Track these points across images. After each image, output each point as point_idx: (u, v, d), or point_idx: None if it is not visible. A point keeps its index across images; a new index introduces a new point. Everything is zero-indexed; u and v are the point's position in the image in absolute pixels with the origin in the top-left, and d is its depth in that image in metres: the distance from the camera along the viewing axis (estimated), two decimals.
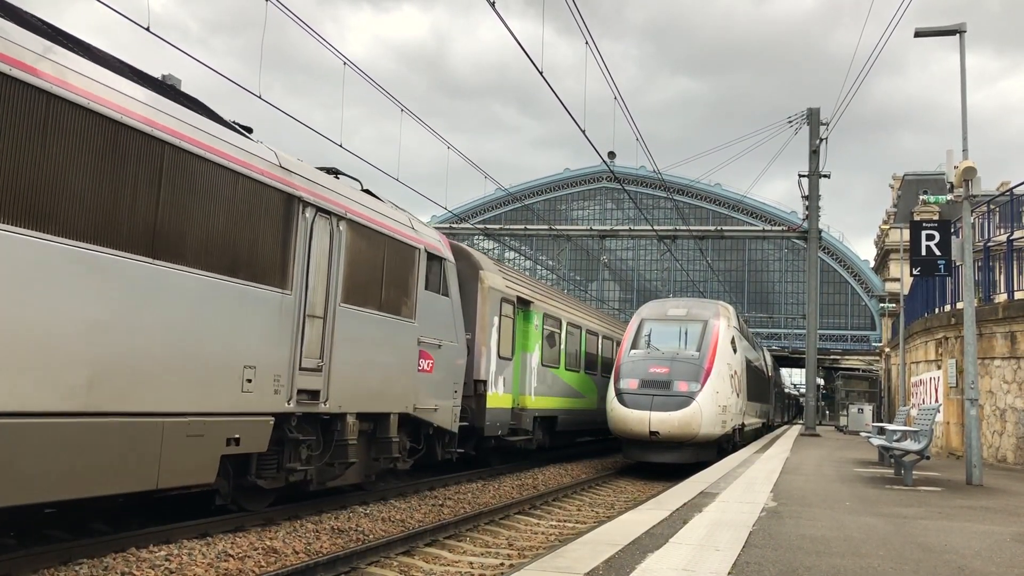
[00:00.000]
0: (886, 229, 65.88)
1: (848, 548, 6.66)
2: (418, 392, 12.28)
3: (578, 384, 22.13)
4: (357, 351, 10.68)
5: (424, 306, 12.44)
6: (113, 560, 7.40)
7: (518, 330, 17.63)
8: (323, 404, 10.03)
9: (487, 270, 16.31)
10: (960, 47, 13.56)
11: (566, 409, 20.86)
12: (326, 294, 10.01)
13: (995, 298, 18.85)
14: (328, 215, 10.11)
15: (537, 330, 18.67)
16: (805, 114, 31.26)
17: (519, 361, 17.58)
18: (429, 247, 12.79)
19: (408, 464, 12.68)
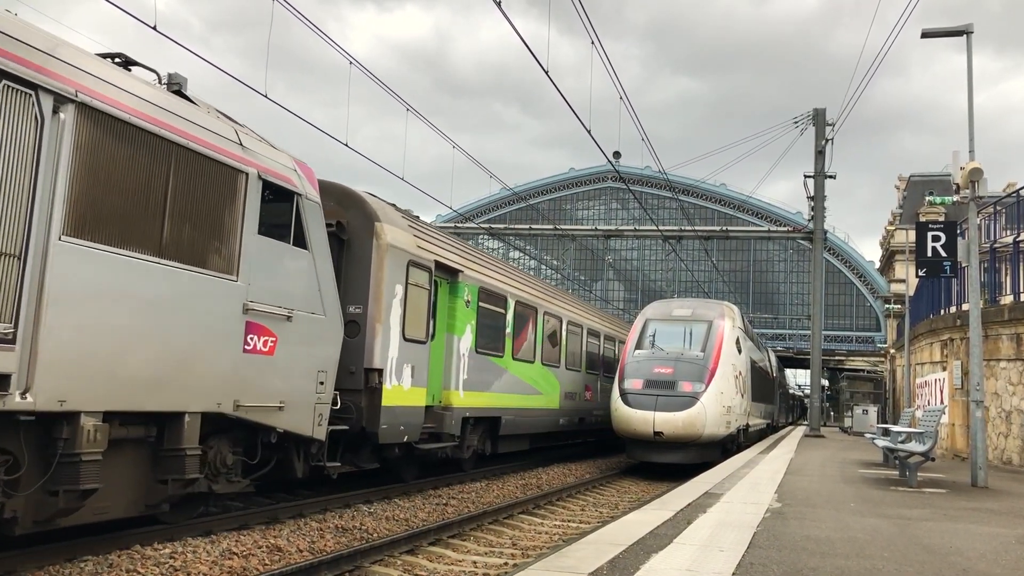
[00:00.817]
0: (891, 230, 65.75)
1: (852, 549, 6.65)
2: (245, 382, 8.61)
3: (534, 378, 18.39)
4: (106, 315, 7.14)
5: (258, 259, 8.84)
6: (117, 557, 7.42)
7: (441, 306, 14.18)
8: (19, 397, 6.39)
9: (387, 222, 12.22)
10: (967, 48, 13.53)
11: (515, 409, 17.20)
12: (27, 219, 6.48)
13: (1001, 300, 18.81)
14: (28, 88, 6.51)
15: (469, 308, 14.99)
16: (811, 115, 31.22)
17: (441, 347, 14.14)
18: (267, 173, 9.08)
19: (239, 486, 9.19)
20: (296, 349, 9.54)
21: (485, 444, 16.27)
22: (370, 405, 11.53)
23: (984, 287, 17.83)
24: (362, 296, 11.78)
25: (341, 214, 11.87)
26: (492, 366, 16.06)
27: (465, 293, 14.80)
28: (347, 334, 11.06)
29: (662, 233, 37.73)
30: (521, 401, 17.56)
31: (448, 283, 14.46)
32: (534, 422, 18.46)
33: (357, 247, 11.94)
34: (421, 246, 13.21)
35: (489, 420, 16.10)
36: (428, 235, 14.02)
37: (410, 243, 12.79)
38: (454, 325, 14.44)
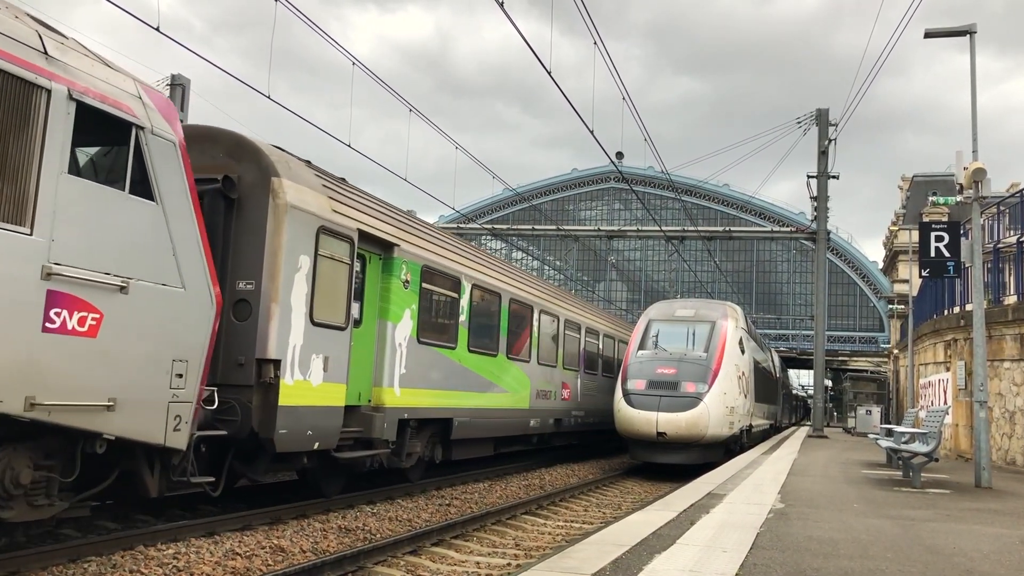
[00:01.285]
0: (895, 230, 65.69)
1: (856, 550, 6.65)
2: (46, 372, 6.48)
3: (497, 374, 16.24)
4: None
5: (70, 208, 6.68)
6: (121, 558, 7.43)
7: (371, 287, 11.94)
8: None
9: (289, 179, 10.01)
10: (970, 48, 13.51)
11: (472, 409, 14.92)
12: None
13: (1004, 300, 18.78)
14: None
15: (409, 290, 12.61)
16: (814, 115, 31.20)
17: (370, 335, 11.89)
18: (85, 94, 6.87)
19: (50, 510, 6.97)
20: (135, 331, 7.21)
21: (434, 450, 14.13)
22: (263, 405, 9.45)
23: (987, 287, 17.80)
24: (255, 269, 9.60)
25: (231, 168, 9.75)
26: (440, 359, 13.76)
27: (403, 271, 12.42)
28: (236, 316, 9.47)
29: (665, 233, 37.72)
30: (480, 400, 15.28)
31: (380, 259, 12.16)
32: (498, 424, 16.28)
33: (250, 208, 9.73)
34: (339, 211, 10.90)
35: (438, 422, 13.86)
36: (352, 199, 11.57)
37: (322, 206, 10.52)
38: (388, 310, 12.08)
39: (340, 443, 10.90)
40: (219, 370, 9.17)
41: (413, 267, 12.79)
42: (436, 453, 14.22)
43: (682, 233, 39.93)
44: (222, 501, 10.77)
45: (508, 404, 16.76)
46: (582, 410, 21.60)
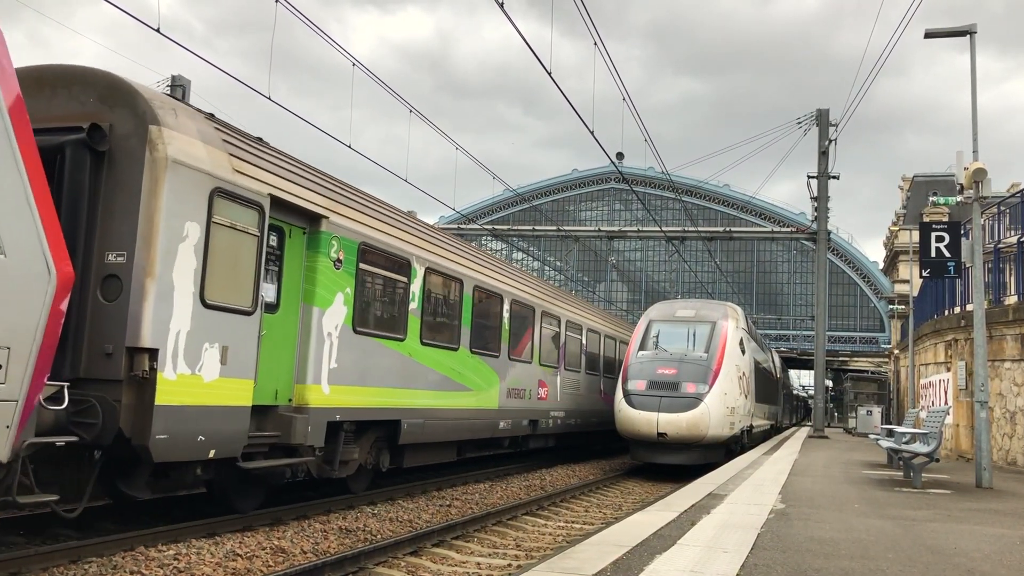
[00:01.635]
0: (895, 230, 65.69)
1: (857, 550, 6.64)
2: None
3: (458, 371, 14.47)
4: None
5: None
6: (122, 559, 7.43)
7: (291, 265, 10.07)
8: None
9: (172, 128, 8.31)
10: (971, 48, 13.51)
11: (426, 409, 13.13)
12: None
13: (1005, 300, 18.78)
14: None
15: (342, 270, 10.84)
16: (814, 115, 31.20)
17: (291, 322, 10.07)
18: None
19: None
20: None
21: (379, 456, 12.36)
22: (136, 404, 7.82)
23: (988, 287, 17.81)
24: (127, 238, 7.91)
25: (102, 115, 8.15)
26: (384, 353, 11.96)
27: (333, 249, 10.63)
28: (105, 296, 7.87)
29: (665, 234, 37.73)
30: (436, 399, 13.52)
31: (304, 232, 10.34)
32: (459, 426, 14.52)
33: (123, 163, 8.04)
34: (244, 171, 9.12)
35: (382, 425, 12.11)
36: (264, 159, 9.67)
37: (219, 163, 8.76)
38: (314, 293, 10.27)
39: (250, 450, 9.17)
40: (82, 361, 7.74)
41: (348, 244, 11.01)
42: (382, 460, 12.45)
43: (682, 233, 39.94)
44: (222, 502, 10.78)
45: (472, 404, 14.94)
46: (562, 411, 20.13)
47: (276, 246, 9.73)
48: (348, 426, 11.05)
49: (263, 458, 9.48)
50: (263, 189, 9.33)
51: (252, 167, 9.30)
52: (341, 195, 11.30)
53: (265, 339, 9.38)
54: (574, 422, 21.09)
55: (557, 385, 19.84)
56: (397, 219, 12.95)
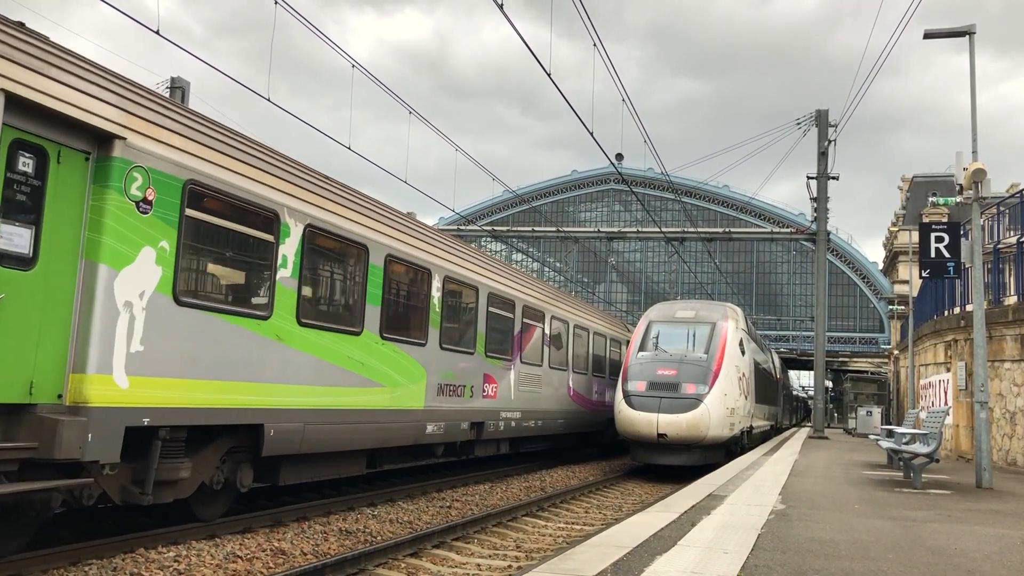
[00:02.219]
0: (895, 231, 65.72)
1: (857, 551, 6.64)
2: None
3: (361, 361, 11.38)
4: None
5: None
6: (122, 561, 7.43)
7: (59, 203, 7.18)
8: None
9: None
10: (970, 49, 13.52)
11: (305, 411, 10.13)
12: None
13: (1005, 300, 18.78)
14: None
15: (152, 216, 7.97)
16: (813, 116, 31.21)
17: (58, 283, 7.18)
18: None
19: None
20: None
21: (237, 473, 9.60)
22: None
23: (988, 288, 17.81)
24: None
25: None
26: (234, 334, 8.97)
27: (136, 184, 7.73)
28: None
29: (665, 235, 37.72)
30: (324, 397, 10.49)
31: (86, 158, 7.42)
32: (362, 432, 11.36)
33: None
34: None
35: (235, 431, 9.23)
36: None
37: None
38: (100, 245, 7.38)
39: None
40: None
41: (165, 180, 8.05)
42: (240, 477, 9.62)
43: (682, 234, 39.93)
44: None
45: (384, 403, 11.86)
46: (518, 411, 17.12)
47: (33, 174, 6.88)
48: (169, 433, 8.11)
49: (7, 479, 6.61)
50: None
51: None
52: (157, 109, 8.24)
53: (5, 306, 6.60)
54: (534, 424, 17.99)
55: (511, 381, 16.82)
56: (259, 154, 9.74)
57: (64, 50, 7.47)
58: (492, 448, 16.75)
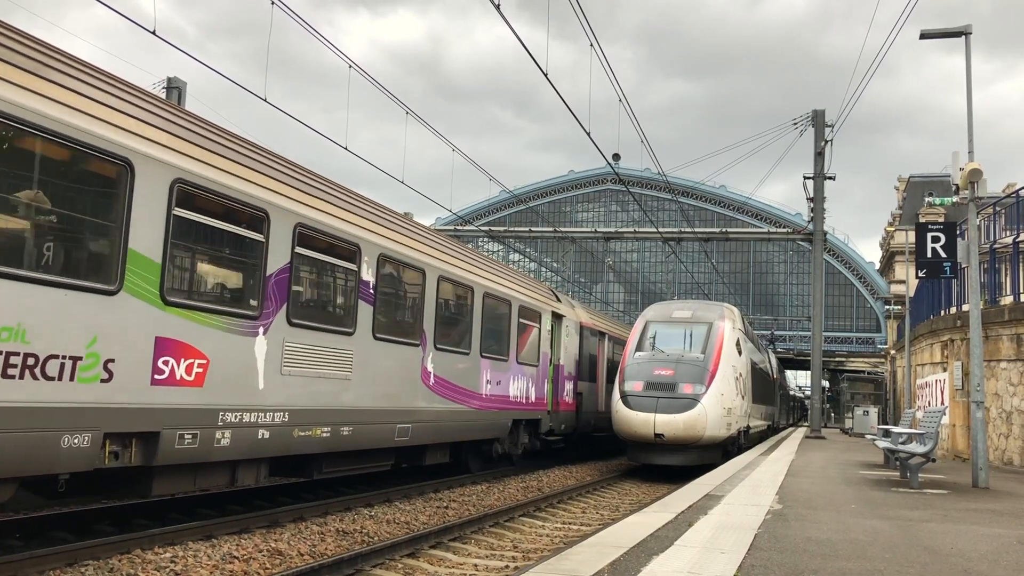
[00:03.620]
0: (891, 231, 65.80)
1: (854, 551, 6.65)
2: None
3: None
4: None
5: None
6: (118, 562, 7.42)
7: None
8: None
9: None
10: (966, 49, 13.55)
11: None
12: None
13: (1001, 300, 18.82)
14: None
15: None
16: (809, 116, 31.25)
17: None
18: None
19: None
20: None
21: None
22: None
23: (984, 288, 17.83)
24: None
25: None
26: None
27: None
28: None
29: (662, 235, 37.73)
30: None
31: None
32: None
33: None
34: None
35: None
36: None
37: None
38: None
39: None
40: None
41: None
42: None
43: (679, 234, 39.93)
44: (219, 504, 10.77)
45: None
46: (279, 411, 9.59)
47: None
48: None
49: None
50: None
51: None
52: None
53: None
54: (329, 434, 10.49)
55: (255, 359, 9.21)
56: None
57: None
58: (183, 482, 8.83)
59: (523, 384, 17.25)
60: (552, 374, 19.21)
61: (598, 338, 23.43)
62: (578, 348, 21.21)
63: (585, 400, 21.65)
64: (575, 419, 20.97)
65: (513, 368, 16.65)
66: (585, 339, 21.84)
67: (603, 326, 24.40)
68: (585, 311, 23.13)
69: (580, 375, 21.32)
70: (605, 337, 24.13)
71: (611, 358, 24.47)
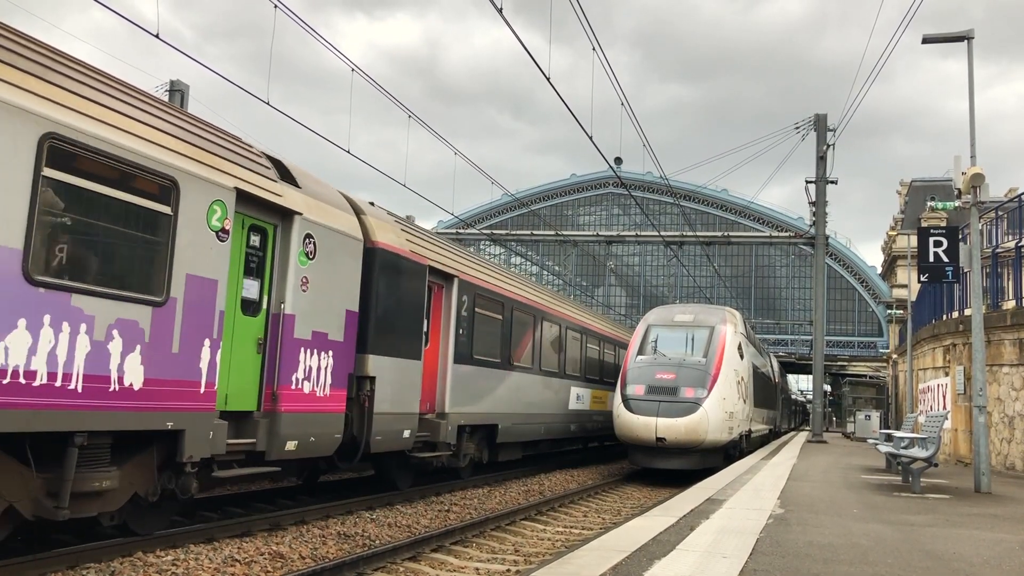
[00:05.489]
0: (893, 235, 65.79)
1: (856, 556, 6.64)
2: None
3: None
4: None
5: None
6: (120, 565, 7.42)
7: None
8: None
9: None
10: (968, 53, 13.57)
11: None
12: None
13: (1003, 305, 18.80)
14: None
15: None
16: (812, 120, 31.26)
17: None
18: None
19: None
20: None
21: None
22: None
23: (986, 292, 17.83)
24: None
25: None
26: None
27: None
28: None
29: (664, 239, 37.73)
30: None
31: None
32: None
33: None
34: None
35: None
36: None
37: None
38: None
39: None
40: None
41: None
42: None
43: (681, 238, 39.97)
44: (221, 507, 10.77)
45: None
46: None
47: None
48: None
49: None
50: None
51: None
52: None
53: None
54: None
55: None
56: None
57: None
58: None
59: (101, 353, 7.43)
60: (257, 332, 9.66)
61: (442, 288, 14.17)
62: (367, 291, 11.61)
63: (388, 394, 11.94)
64: (342, 427, 10.96)
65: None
66: (386, 276, 12.01)
67: (449, 261, 14.24)
68: (399, 228, 12.96)
69: (371, 344, 11.61)
70: (456, 284, 14.26)
71: (492, 327, 16.09)
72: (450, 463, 14.68)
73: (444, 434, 13.72)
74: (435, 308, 13.91)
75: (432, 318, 13.78)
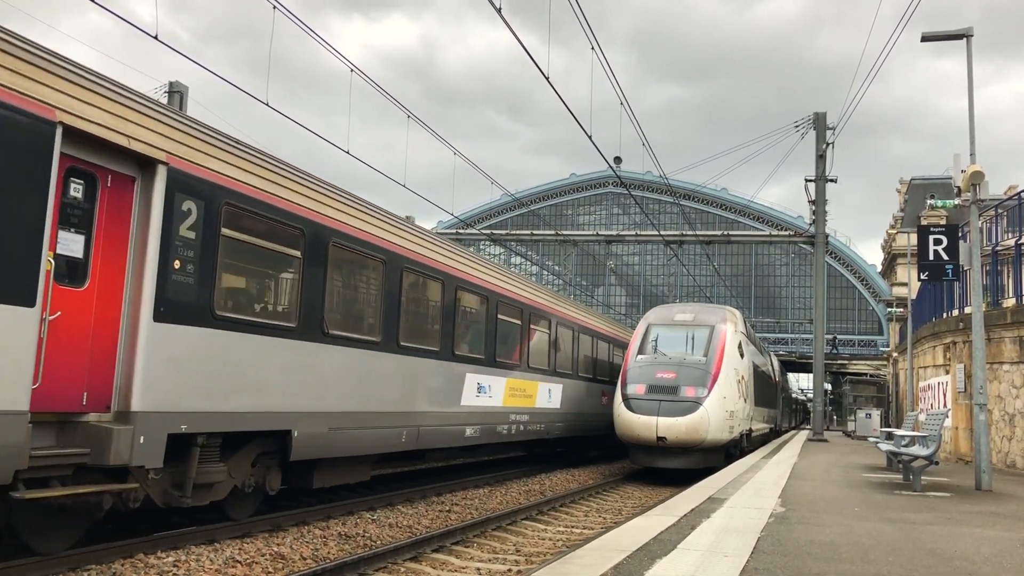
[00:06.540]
0: (893, 233, 65.79)
1: (857, 554, 6.64)
2: None
3: None
4: None
5: None
6: (121, 566, 7.42)
7: None
8: None
9: None
10: (967, 52, 13.58)
11: None
12: None
13: (1003, 302, 18.81)
14: None
15: None
16: (811, 119, 31.26)
17: None
18: None
19: None
20: None
21: None
22: None
23: (986, 290, 17.83)
24: None
25: None
26: None
27: None
28: None
29: (663, 238, 37.73)
30: None
31: None
32: None
33: None
34: None
35: None
36: None
37: None
38: None
39: None
40: None
41: None
42: None
43: (681, 237, 39.96)
44: (221, 508, 10.76)
45: None
46: None
47: None
48: None
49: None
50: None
51: None
52: None
53: None
54: None
55: None
56: None
57: None
58: None
59: None
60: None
61: (128, 183, 7.69)
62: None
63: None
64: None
65: None
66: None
67: (148, 134, 7.79)
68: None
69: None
70: (163, 176, 7.84)
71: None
72: (165, 501, 8.38)
73: (123, 450, 7.31)
74: (108, 218, 7.50)
75: (99, 236, 7.39)
